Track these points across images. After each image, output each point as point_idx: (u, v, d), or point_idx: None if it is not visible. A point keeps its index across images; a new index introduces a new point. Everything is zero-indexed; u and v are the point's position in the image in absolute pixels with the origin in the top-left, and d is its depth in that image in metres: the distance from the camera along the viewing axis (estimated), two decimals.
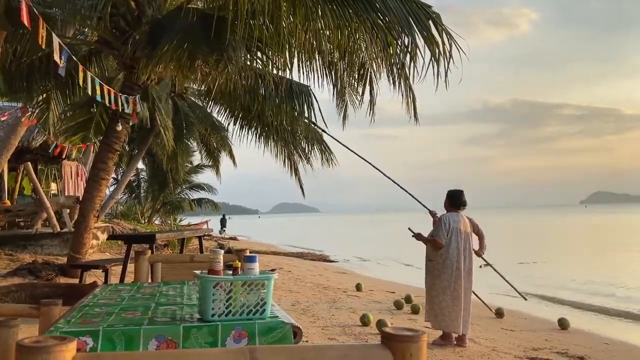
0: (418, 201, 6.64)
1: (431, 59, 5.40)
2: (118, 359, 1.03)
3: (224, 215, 31.93)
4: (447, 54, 5.40)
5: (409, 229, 5.89)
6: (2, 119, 12.18)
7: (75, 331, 1.85)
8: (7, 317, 2.19)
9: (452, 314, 5.20)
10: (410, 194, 6.78)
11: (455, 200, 5.46)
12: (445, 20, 5.61)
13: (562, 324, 6.62)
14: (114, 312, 2.17)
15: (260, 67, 8.45)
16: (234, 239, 26.37)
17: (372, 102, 6.87)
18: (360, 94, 6.62)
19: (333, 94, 7.70)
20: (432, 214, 5.99)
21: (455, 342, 5.27)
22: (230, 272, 2.19)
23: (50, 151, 11.74)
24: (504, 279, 7.16)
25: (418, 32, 5.39)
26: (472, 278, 5.39)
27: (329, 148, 10.91)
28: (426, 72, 5.46)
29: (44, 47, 5.41)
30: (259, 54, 7.54)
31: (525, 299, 6.29)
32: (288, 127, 10.24)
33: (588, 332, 6.84)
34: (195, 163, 24.47)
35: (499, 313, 7.11)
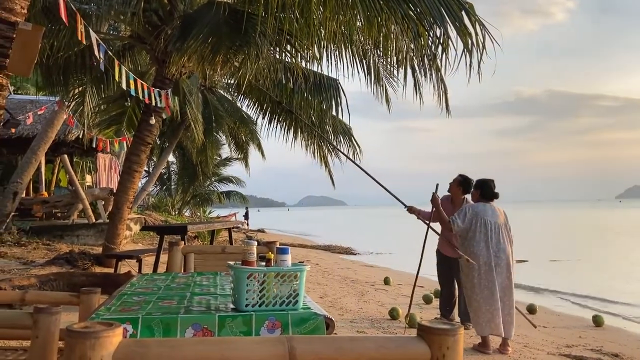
0: (397, 198, 6.06)
1: (464, 50, 5.29)
2: (162, 344, 1.06)
3: (246, 209, 32.29)
4: (480, 45, 5.29)
5: (437, 184, 5.41)
6: (40, 112, 12.58)
7: (116, 318, 1.91)
8: (49, 304, 2.27)
9: (487, 314, 4.75)
10: (393, 195, 6.19)
11: (484, 190, 5.09)
12: (478, 9, 5.48)
13: (597, 321, 6.46)
14: (151, 300, 2.23)
15: (289, 61, 8.48)
16: (261, 231, 26.61)
17: (417, 87, 6.52)
18: (402, 79, 6.31)
19: (367, 82, 7.54)
20: (412, 208, 5.67)
21: (491, 351, 4.80)
22: (264, 263, 2.21)
23: (94, 145, 12.08)
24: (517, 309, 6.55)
25: (450, 23, 5.29)
26: (512, 275, 4.84)
27: (356, 142, 10.86)
28: (458, 63, 5.35)
29: (83, 42, 5.55)
30: (288, 47, 7.55)
31: (535, 327, 5.91)
32: (316, 120, 10.23)
33: (623, 329, 6.68)
34: (224, 156, 24.80)
35: (531, 309, 6.98)
